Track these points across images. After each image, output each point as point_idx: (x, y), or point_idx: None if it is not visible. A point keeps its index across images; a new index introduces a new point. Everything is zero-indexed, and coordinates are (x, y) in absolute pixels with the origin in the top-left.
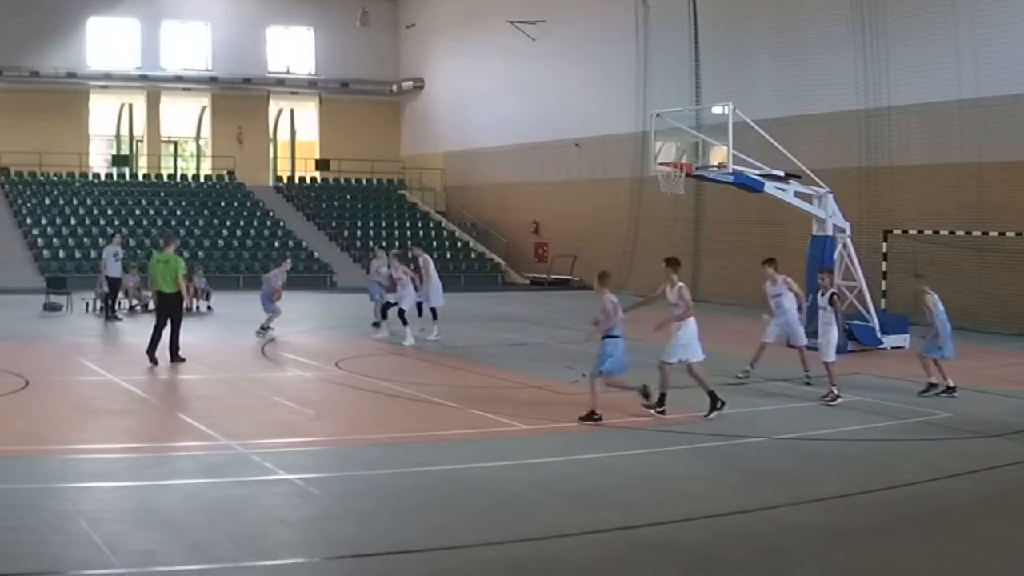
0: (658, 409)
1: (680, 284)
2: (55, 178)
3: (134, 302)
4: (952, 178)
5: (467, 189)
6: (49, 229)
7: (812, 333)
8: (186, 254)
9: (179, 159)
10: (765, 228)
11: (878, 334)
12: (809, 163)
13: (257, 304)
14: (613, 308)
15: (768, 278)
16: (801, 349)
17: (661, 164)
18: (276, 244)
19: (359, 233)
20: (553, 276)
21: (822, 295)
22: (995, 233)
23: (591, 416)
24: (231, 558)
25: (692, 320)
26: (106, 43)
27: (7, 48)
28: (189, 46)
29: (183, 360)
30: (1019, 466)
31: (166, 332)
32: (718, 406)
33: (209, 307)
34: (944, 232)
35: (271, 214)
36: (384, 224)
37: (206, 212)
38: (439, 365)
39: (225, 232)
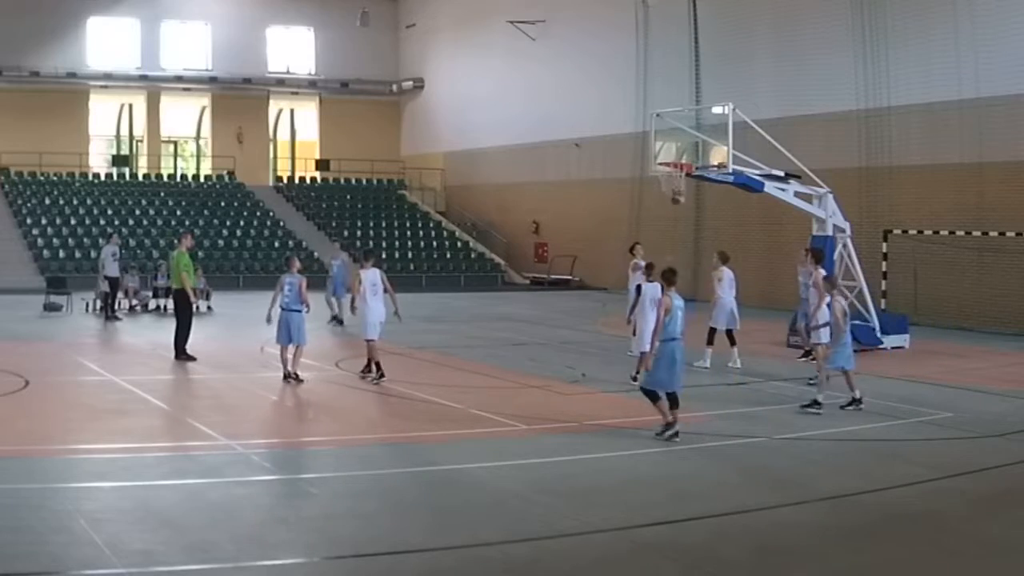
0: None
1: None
2: (55, 178)
3: (134, 302)
4: (952, 178)
5: (467, 189)
6: (49, 229)
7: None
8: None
9: (179, 159)
10: (765, 228)
11: (878, 334)
12: (809, 163)
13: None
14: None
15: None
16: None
17: (661, 164)
18: (276, 244)
19: (359, 233)
20: (553, 276)
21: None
22: (995, 233)
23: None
24: (231, 558)
25: None
26: (106, 43)
27: (7, 48)
28: (189, 46)
29: (190, 359)
30: (1019, 466)
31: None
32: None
33: (209, 307)
34: (944, 232)
35: (271, 214)
36: (384, 224)
37: (206, 212)
38: (439, 365)
39: (225, 232)
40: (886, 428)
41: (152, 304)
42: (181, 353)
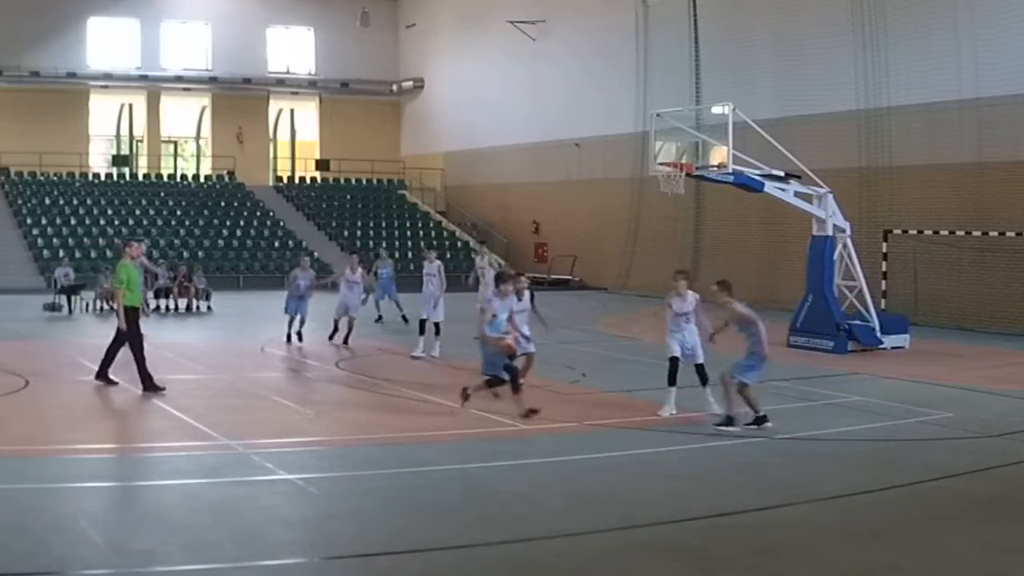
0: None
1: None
2: (55, 178)
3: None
4: (952, 178)
5: (467, 189)
6: (49, 229)
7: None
8: (186, 254)
9: (179, 159)
10: (765, 228)
11: (878, 334)
12: (809, 163)
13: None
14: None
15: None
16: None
17: (661, 164)
18: (276, 244)
19: (359, 233)
20: (553, 276)
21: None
22: (995, 233)
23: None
24: (231, 558)
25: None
26: (106, 43)
27: (7, 48)
28: (189, 46)
29: (107, 382)
30: (1019, 466)
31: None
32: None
33: (209, 307)
34: (944, 232)
35: (271, 214)
36: (384, 224)
37: (206, 212)
38: (439, 365)
39: (225, 232)
40: (886, 428)
41: (153, 304)
42: (147, 384)
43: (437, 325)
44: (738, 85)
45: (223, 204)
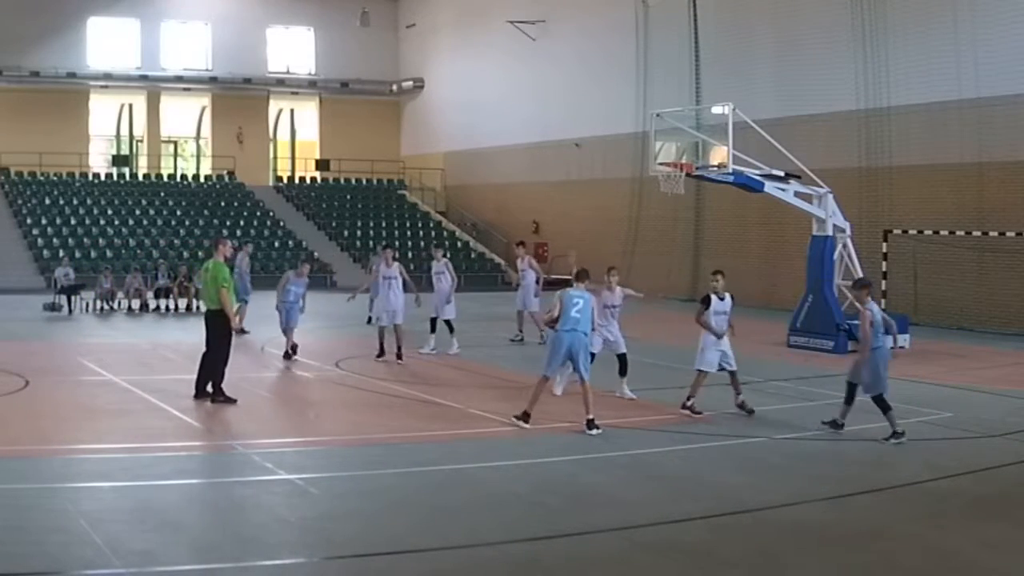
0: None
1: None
2: (55, 178)
3: (135, 302)
4: (952, 178)
5: (467, 189)
6: (49, 229)
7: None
8: (186, 254)
9: (179, 159)
10: (765, 228)
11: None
12: (809, 163)
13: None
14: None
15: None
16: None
17: (661, 164)
18: (276, 244)
19: (359, 233)
20: (553, 276)
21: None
22: (995, 233)
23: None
24: (232, 558)
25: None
26: (106, 43)
27: (7, 48)
28: (189, 46)
29: (224, 400)
30: (1019, 466)
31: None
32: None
33: None
34: (944, 232)
35: (271, 214)
36: (384, 224)
37: (206, 212)
38: (440, 365)
39: (225, 232)
40: (886, 428)
41: (152, 304)
42: (218, 393)
43: (449, 323)
44: (738, 85)
45: (223, 204)
